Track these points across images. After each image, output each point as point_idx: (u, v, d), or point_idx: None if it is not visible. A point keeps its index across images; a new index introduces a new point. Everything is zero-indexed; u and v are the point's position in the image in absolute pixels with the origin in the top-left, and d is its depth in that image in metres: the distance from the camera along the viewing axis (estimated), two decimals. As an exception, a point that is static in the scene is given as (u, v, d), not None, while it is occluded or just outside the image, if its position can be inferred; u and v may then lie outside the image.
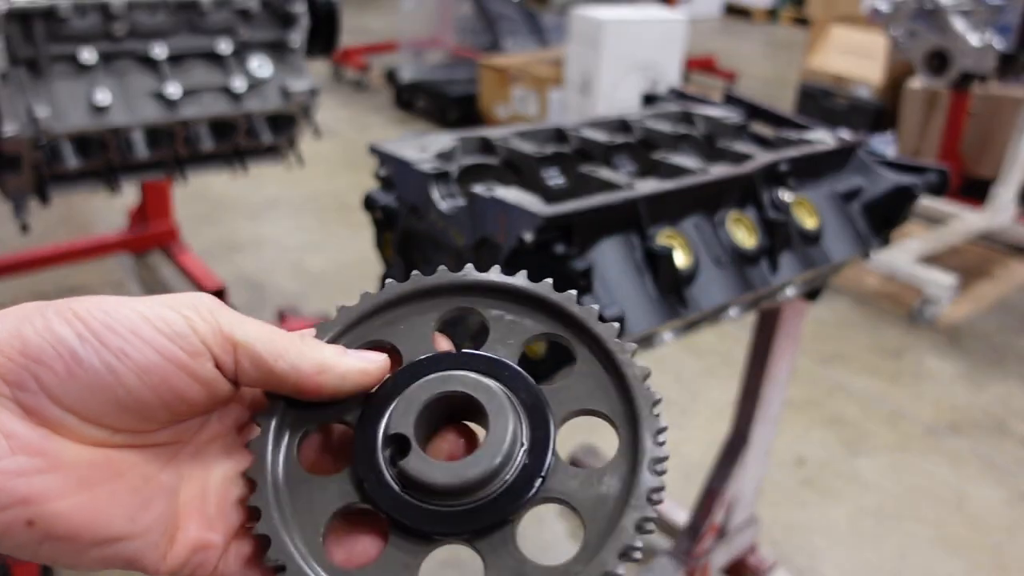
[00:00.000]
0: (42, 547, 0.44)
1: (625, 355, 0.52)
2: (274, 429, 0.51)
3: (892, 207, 1.72)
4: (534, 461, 0.49)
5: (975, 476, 3.05)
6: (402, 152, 1.48)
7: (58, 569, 2.35)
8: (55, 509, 0.44)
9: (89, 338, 0.45)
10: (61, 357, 0.44)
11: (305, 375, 0.49)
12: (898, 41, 4.07)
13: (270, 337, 0.49)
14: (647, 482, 0.48)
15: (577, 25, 5.22)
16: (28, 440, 0.44)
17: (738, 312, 1.64)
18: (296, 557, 0.48)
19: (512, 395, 0.51)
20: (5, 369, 0.44)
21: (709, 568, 2.30)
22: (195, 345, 0.47)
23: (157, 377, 0.46)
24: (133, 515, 0.47)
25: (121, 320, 0.46)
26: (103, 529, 0.45)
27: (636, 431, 0.50)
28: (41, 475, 0.43)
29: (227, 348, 0.48)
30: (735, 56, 9.08)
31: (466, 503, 0.49)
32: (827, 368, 3.68)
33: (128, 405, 0.46)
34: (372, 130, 6.37)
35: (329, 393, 0.51)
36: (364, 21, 9.31)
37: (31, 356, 0.44)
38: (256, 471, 0.50)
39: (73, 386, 0.44)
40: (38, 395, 0.44)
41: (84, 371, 0.45)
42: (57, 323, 0.45)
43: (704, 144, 1.76)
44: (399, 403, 0.50)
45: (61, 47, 2.19)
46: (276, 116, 2.57)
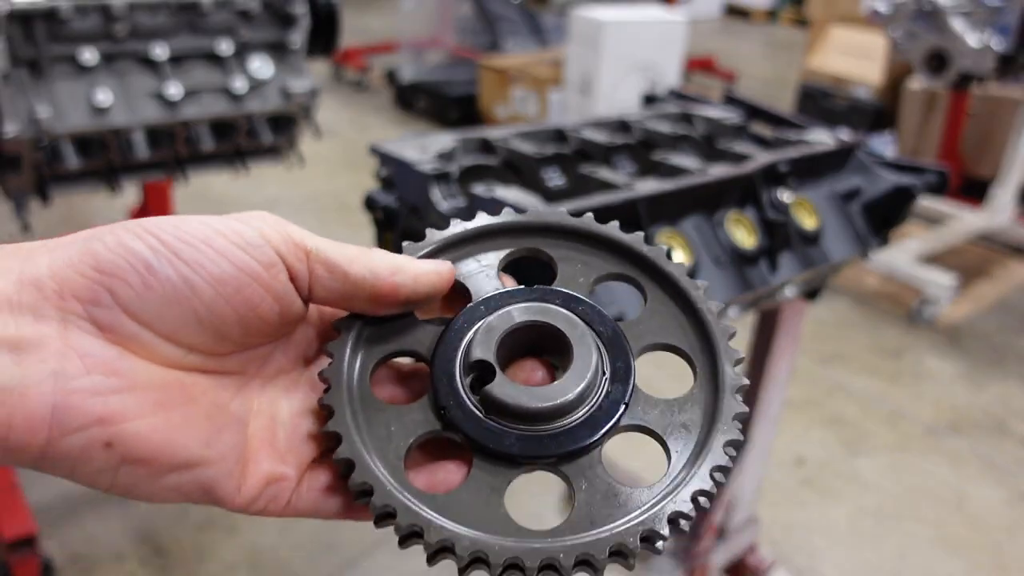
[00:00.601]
0: (119, 472, 0.44)
1: (698, 292, 0.54)
2: (347, 358, 0.51)
3: (891, 207, 1.72)
4: (617, 389, 0.51)
5: (975, 476, 3.06)
6: (402, 152, 1.48)
7: (60, 570, 2.36)
8: (133, 429, 0.43)
9: (162, 251, 0.44)
10: (135, 270, 0.44)
11: (381, 277, 0.49)
12: (897, 42, 4.07)
13: (340, 246, 0.49)
14: (733, 407, 0.50)
15: (577, 26, 5.23)
16: (103, 359, 0.43)
17: (738, 312, 1.64)
18: (383, 480, 0.47)
19: (590, 327, 0.52)
20: (78, 286, 0.43)
21: (709, 568, 2.30)
22: (269, 256, 0.46)
23: (232, 288, 0.45)
24: (208, 440, 0.46)
25: (193, 232, 0.45)
26: (180, 452, 0.45)
27: (715, 362, 0.52)
28: (118, 394, 0.43)
29: (300, 256, 0.47)
30: (735, 56, 9.08)
31: (551, 428, 0.49)
32: (827, 368, 3.68)
33: (204, 318, 0.45)
34: (372, 130, 6.37)
35: (405, 296, 0.50)
36: (364, 21, 9.31)
37: (104, 271, 0.44)
38: (333, 398, 0.49)
39: (149, 299, 0.44)
40: (113, 310, 0.44)
41: (160, 283, 0.44)
42: (129, 238, 0.44)
43: (704, 144, 1.77)
44: (479, 332, 0.51)
45: (62, 48, 2.19)
46: (277, 116, 2.57)
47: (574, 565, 0.45)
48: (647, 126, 1.79)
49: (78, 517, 2.57)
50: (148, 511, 2.60)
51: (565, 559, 0.45)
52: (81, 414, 0.42)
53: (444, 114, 6.50)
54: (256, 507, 0.49)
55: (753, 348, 2.10)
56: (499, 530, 0.47)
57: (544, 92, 5.74)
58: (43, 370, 0.41)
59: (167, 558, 2.44)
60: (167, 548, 2.47)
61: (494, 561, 0.45)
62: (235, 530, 2.55)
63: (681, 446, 0.50)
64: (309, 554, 2.50)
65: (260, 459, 0.49)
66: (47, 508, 2.57)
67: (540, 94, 5.80)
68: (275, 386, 0.52)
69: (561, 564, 0.45)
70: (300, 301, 0.49)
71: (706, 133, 1.82)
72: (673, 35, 5.29)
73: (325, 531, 2.58)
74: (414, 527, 0.47)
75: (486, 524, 0.47)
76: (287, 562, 2.48)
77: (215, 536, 2.53)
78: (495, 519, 0.47)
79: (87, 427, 0.42)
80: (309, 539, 2.55)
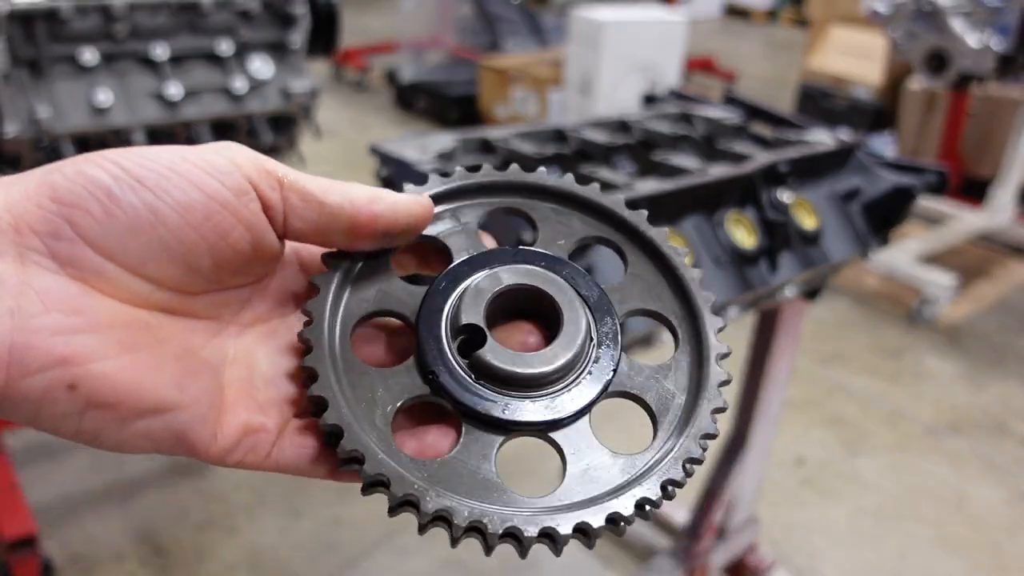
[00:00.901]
0: (85, 417, 0.41)
1: (680, 258, 0.54)
2: (328, 318, 0.48)
3: (891, 207, 1.72)
4: (605, 354, 0.50)
5: (975, 476, 3.06)
6: (402, 152, 1.48)
7: (60, 570, 2.36)
8: (98, 370, 0.41)
9: (125, 178, 0.42)
10: (96, 198, 0.42)
11: (359, 206, 0.47)
12: (897, 42, 4.07)
13: (315, 177, 0.47)
14: (717, 375, 0.51)
15: (577, 26, 5.23)
16: (64, 296, 0.41)
17: (738, 312, 1.64)
18: (372, 448, 0.45)
19: (576, 291, 0.51)
20: (35, 218, 0.41)
21: (709, 567, 2.30)
22: (239, 182, 0.44)
23: (200, 215, 0.43)
24: (179, 383, 0.44)
25: (158, 159, 0.43)
26: (149, 395, 0.42)
27: (699, 330, 0.52)
28: (80, 334, 0.40)
29: (273, 184, 0.45)
30: (735, 57, 9.08)
31: (542, 394, 0.48)
32: (827, 368, 3.68)
33: (171, 247, 0.43)
34: (372, 130, 6.37)
35: (384, 226, 0.48)
36: (364, 21, 9.31)
37: (63, 201, 0.41)
38: (316, 360, 0.47)
39: (112, 228, 0.42)
40: (74, 242, 0.41)
41: (123, 211, 0.42)
42: (88, 167, 0.42)
43: (704, 144, 1.77)
44: (466, 294, 0.49)
45: (62, 48, 2.19)
46: (277, 116, 2.57)
47: (571, 533, 0.45)
48: (647, 126, 1.79)
49: (78, 517, 2.57)
50: (148, 511, 2.60)
51: (563, 528, 0.45)
52: (41, 354, 0.39)
53: (444, 114, 6.50)
54: (233, 458, 0.47)
55: (753, 348, 2.10)
56: (492, 497, 0.46)
57: (544, 92, 5.74)
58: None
59: (167, 558, 2.44)
60: (167, 548, 2.48)
61: (491, 531, 0.44)
62: (235, 530, 2.55)
63: (668, 413, 0.50)
64: (309, 554, 2.51)
65: (237, 409, 0.47)
66: (47, 508, 2.57)
67: (540, 94, 5.80)
68: (252, 333, 0.50)
69: (558, 533, 0.45)
70: (274, 234, 0.46)
71: (706, 133, 1.82)
72: (673, 35, 5.29)
73: (325, 531, 2.58)
74: (408, 496, 0.45)
75: (479, 491, 0.46)
76: (287, 562, 2.48)
77: (215, 536, 2.53)
78: (488, 486, 0.46)
79: (48, 368, 0.40)
80: (309, 539, 2.55)
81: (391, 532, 2.56)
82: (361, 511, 2.65)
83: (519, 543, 0.45)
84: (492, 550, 0.45)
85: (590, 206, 0.55)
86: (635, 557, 2.55)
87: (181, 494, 2.68)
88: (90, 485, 2.70)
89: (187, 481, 2.73)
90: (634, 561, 2.54)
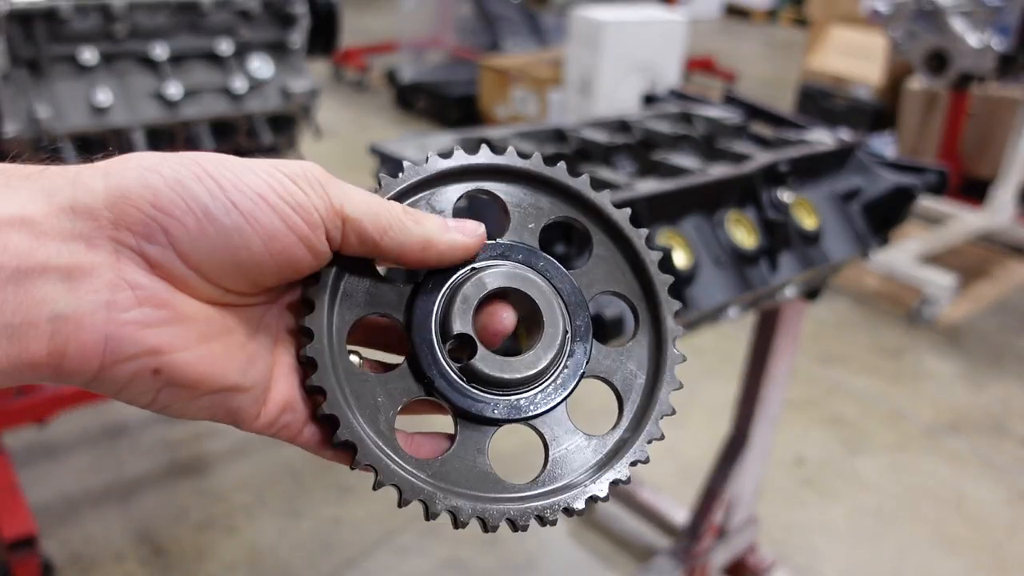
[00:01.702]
0: (160, 394, 0.46)
1: (640, 241, 0.58)
2: (326, 332, 0.52)
3: (891, 207, 1.72)
4: (579, 348, 0.56)
5: (974, 476, 3.06)
6: (402, 153, 1.48)
7: (60, 570, 2.36)
8: (181, 359, 0.45)
9: (221, 198, 0.45)
10: (193, 213, 0.44)
11: (409, 252, 0.51)
12: (897, 42, 4.07)
13: (376, 212, 0.50)
14: (675, 358, 0.57)
15: (577, 26, 5.23)
16: (153, 291, 0.44)
17: (738, 312, 1.64)
18: (384, 459, 0.51)
19: (551, 285, 0.56)
20: (133, 220, 0.44)
21: (709, 567, 2.30)
22: (315, 218, 0.48)
23: (281, 245, 0.47)
24: (245, 369, 0.49)
25: (250, 184, 0.46)
26: (220, 379, 0.48)
27: (658, 312, 0.58)
28: (167, 326, 0.45)
29: (336, 223, 0.49)
30: (735, 57, 9.08)
31: (527, 391, 0.54)
32: (827, 368, 3.69)
33: (247, 267, 0.47)
34: (372, 130, 6.37)
35: (429, 266, 0.53)
36: (364, 21, 9.31)
37: (162, 209, 0.44)
38: (323, 379, 0.51)
39: (202, 243, 0.45)
40: (166, 249, 0.44)
41: (215, 230, 0.45)
42: (188, 178, 0.45)
43: (704, 144, 1.77)
44: (455, 303, 0.53)
45: (62, 47, 2.19)
46: (276, 116, 2.57)
47: (558, 514, 0.52)
48: (647, 126, 1.79)
49: (78, 517, 2.57)
50: (148, 511, 2.60)
51: (551, 514, 0.52)
52: (133, 344, 0.44)
53: (444, 114, 6.50)
54: (271, 431, 0.52)
55: (753, 348, 2.10)
56: (489, 488, 0.52)
57: (544, 92, 5.74)
58: (96, 300, 0.43)
59: (167, 558, 2.44)
60: (167, 548, 2.48)
61: (491, 523, 0.51)
62: (235, 530, 2.55)
63: (631, 392, 0.57)
64: (309, 554, 2.51)
65: (280, 384, 0.52)
66: (47, 508, 2.57)
67: (540, 94, 5.80)
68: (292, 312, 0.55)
69: (547, 518, 0.52)
70: (330, 254, 0.51)
71: (706, 133, 1.82)
72: (673, 35, 5.29)
73: (325, 531, 2.58)
74: (420, 498, 0.51)
75: (477, 483, 0.52)
76: (287, 562, 2.48)
77: (215, 536, 2.53)
78: (484, 477, 0.53)
79: (138, 356, 0.44)
80: (309, 539, 2.55)
81: (391, 532, 2.56)
82: (361, 511, 2.65)
83: (514, 526, 0.52)
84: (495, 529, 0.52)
85: (556, 187, 0.58)
86: (635, 557, 2.55)
87: (181, 494, 2.68)
88: (90, 485, 2.70)
89: (187, 481, 2.73)
90: (634, 561, 2.54)
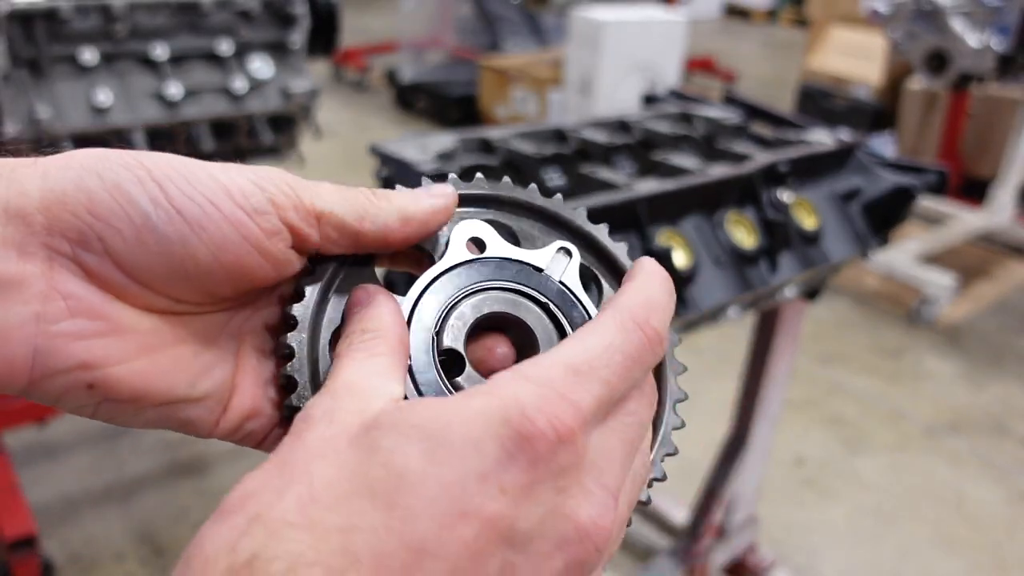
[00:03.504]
0: (100, 408, 0.43)
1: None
2: (307, 347, 0.49)
3: (891, 207, 1.72)
4: None
5: (974, 476, 3.06)
6: (402, 153, 1.48)
7: (60, 570, 2.36)
8: (115, 374, 0.42)
9: (164, 205, 0.41)
10: (131, 221, 0.41)
11: (392, 230, 0.48)
12: (897, 42, 4.07)
13: (348, 200, 0.47)
14: (674, 421, 0.53)
15: (577, 26, 5.23)
16: (88, 302, 0.42)
17: (737, 312, 1.64)
18: None
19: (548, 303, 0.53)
20: (67, 225, 0.41)
21: (709, 567, 2.30)
22: (273, 224, 0.44)
23: (231, 255, 0.43)
24: (194, 381, 0.46)
25: (200, 187, 0.42)
26: (163, 394, 0.44)
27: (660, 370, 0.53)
28: (101, 338, 0.42)
29: (311, 222, 0.46)
30: (734, 57, 9.08)
31: None
32: (827, 368, 3.69)
33: (194, 278, 0.43)
34: (372, 131, 6.37)
35: (414, 240, 0.50)
36: (364, 21, 9.31)
37: (99, 215, 0.41)
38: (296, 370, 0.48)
39: (141, 253, 0.42)
40: (102, 258, 0.41)
41: (155, 240, 0.42)
42: (129, 183, 0.41)
43: (703, 144, 1.77)
44: (453, 320, 0.51)
45: (62, 48, 2.19)
46: (277, 116, 2.57)
47: None
48: (647, 126, 1.79)
49: (78, 517, 2.57)
50: (148, 511, 2.60)
51: None
52: (63, 358, 0.41)
53: (444, 114, 6.50)
54: (234, 438, 0.49)
55: (753, 348, 2.10)
56: None
57: (544, 92, 5.74)
58: (26, 311, 0.40)
59: (167, 558, 2.44)
60: (167, 548, 2.48)
61: None
62: (235, 530, 2.55)
63: None
64: (309, 554, 2.50)
65: (244, 388, 0.48)
66: (47, 508, 2.57)
67: (540, 94, 5.80)
68: (266, 312, 0.51)
69: None
70: (297, 260, 0.47)
71: (706, 133, 1.82)
72: (673, 35, 5.29)
73: (325, 531, 2.58)
74: None
75: None
76: (287, 562, 2.48)
77: (215, 536, 2.53)
78: None
79: (69, 371, 0.41)
80: (309, 539, 2.55)
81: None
82: (361, 511, 2.65)
83: None
84: None
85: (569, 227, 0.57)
86: (635, 557, 2.55)
87: (181, 494, 2.68)
88: (90, 485, 2.70)
89: (187, 481, 2.73)
90: (634, 561, 2.54)
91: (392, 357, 0.45)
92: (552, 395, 0.39)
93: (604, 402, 0.41)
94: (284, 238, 0.45)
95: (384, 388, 0.42)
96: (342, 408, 0.40)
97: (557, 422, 0.38)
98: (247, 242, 0.43)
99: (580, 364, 0.41)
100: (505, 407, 0.38)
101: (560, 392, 0.39)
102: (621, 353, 0.43)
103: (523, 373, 0.40)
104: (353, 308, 0.48)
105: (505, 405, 0.38)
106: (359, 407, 0.40)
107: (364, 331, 0.46)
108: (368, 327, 0.46)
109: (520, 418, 0.38)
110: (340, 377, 0.43)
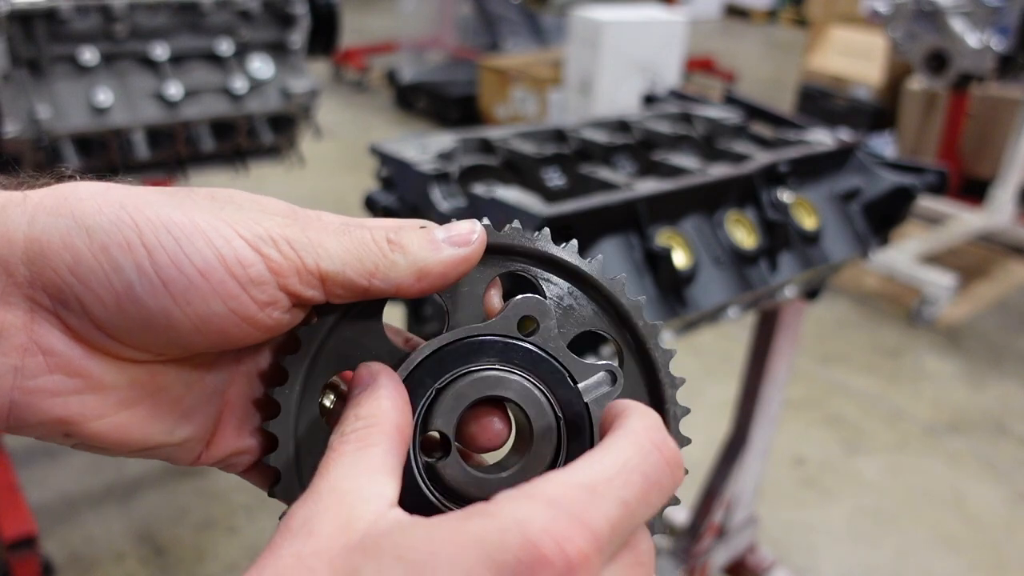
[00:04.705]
0: (78, 447, 0.44)
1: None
2: (295, 414, 0.47)
3: (891, 207, 1.72)
4: (575, 447, 0.48)
5: (974, 476, 3.06)
6: (402, 152, 1.48)
7: (60, 570, 2.36)
8: (93, 428, 0.42)
9: (150, 274, 0.40)
10: (113, 288, 0.40)
11: (405, 287, 0.45)
12: (897, 42, 4.07)
13: (357, 255, 0.43)
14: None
15: (577, 26, 5.23)
16: (67, 358, 0.41)
17: (737, 312, 1.64)
18: None
19: (550, 394, 0.48)
20: (48, 282, 0.40)
21: (709, 567, 2.30)
22: (269, 295, 0.42)
23: (215, 327, 0.41)
24: (172, 428, 0.45)
25: (192, 255, 0.40)
26: (140, 442, 0.44)
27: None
28: (79, 395, 0.41)
29: (314, 284, 0.43)
30: (734, 57, 9.08)
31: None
32: (826, 368, 3.69)
33: (175, 343, 0.42)
34: (372, 130, 6.37)
35: (429, 293, 0.46)
36: (364, 21, 9.31)
37: (80, 278, 0.40)
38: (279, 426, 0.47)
39: (119, 319, 0.41)
40: (81, 317, 0.41)
41: (136, 310, 0.40)
42: (117, 247, 0.40)
43: (703, 144, 1.77)
44: (444, 400, 0.47)
45: (62, 48, 2.19)
46: (277, 116, 2.57)
47: None
48: (647, 126, 1.79)
49: (78, 517, 2.57)
50: (148, 511, 2.60)
51: None
52: (40, 412, 0.41)
53: (444, 114, 6.50)
54: (217, 466, 0.49)
55: (753, 348, 2.10)
56: None
57: (544, 92, 5.74)
58: (4, 364, 0.40)
59: (167, 558, 2.44)
60: (167, 548, 2.48)
61: None
62: (235, 530, 2.55)
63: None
64: (309, 554, 2.50)
65: (227, 432, 0.48)
66: (47, 508, 2.57)
67: (540, 94, 5.80)
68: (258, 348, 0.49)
69: None
70: (294, 318, 0.45)
71: (706, 133, 1.82)
72: (673, 35, 5.29)
73: (325, 531, 2.58)
74: None
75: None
76: (287, 562, 2.48)
77: (215, 536, 2.53)
78: None
79: (45, 424, 0.42)
80: (309, 539, 2.55)
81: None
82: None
83: None
84: None
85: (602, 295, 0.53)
86: (635, 557, 2.55)
87: (181, 494, 2.68)
88: (90, 485, 2.70)
89: (187, 481, 2.73)
90: (634, 561, 2.54)
91: (386, 449, 0.41)
92: (562, 516, 0.34)
93: (620, 529, 0.36)
94: (280, 306, 0.43)
95: (373, 490, 0.39)
96: (324, 520, 0.37)
97: (570, 546, 0.34)
98: (235, 315, 0.41)
99: (595, 482, 0.36)
100: (503, 530, 0.34)
101: (571, 512, 0.35)
102: (639, 473, 0.38)
103: (528, 492, 0.36)
104: (353, 389, 0.45)
105: (504, 527, 0.34)
106: (343, 519, 0.37)
107: (358, 418, 0.43)
108: (362, 413, 0.43)
109: (522, 543, 0.33)
110: (327, 477, 0.40)
